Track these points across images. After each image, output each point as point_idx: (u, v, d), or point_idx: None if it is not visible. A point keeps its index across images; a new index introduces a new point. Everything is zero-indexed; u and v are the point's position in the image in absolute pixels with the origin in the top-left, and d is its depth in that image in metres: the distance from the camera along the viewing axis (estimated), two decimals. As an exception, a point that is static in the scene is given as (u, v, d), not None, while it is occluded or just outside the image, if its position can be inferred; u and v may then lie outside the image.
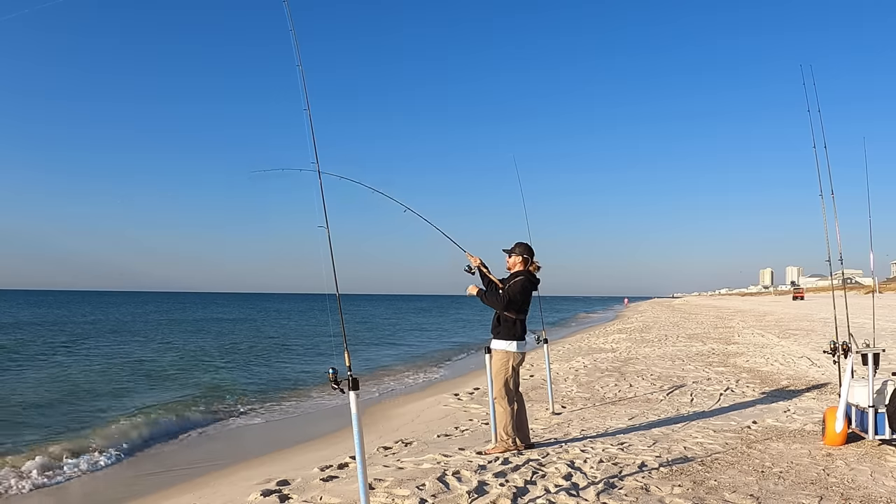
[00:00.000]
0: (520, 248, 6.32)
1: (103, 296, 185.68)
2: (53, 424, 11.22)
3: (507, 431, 6.19)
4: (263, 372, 19.24)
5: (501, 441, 6.23)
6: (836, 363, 6.22)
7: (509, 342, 6.13)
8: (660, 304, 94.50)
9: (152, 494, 7.29)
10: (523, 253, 6.30)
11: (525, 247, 6.32)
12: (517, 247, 6.33)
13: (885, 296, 72.17)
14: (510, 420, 6.18)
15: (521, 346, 6.21)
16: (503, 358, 6.17)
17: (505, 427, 6.19)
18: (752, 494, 4.74)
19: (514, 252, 6.32)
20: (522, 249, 6.30)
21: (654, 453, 5.97)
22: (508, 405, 6.17)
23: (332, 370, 3.94)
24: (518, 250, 6.31)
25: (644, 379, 11.73)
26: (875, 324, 7.15)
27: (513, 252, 6.34)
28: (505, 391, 6.14)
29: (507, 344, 6.14)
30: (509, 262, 6.36)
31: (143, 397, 14.37)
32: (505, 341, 6.15)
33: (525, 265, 6.28)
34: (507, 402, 6.16)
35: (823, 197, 6.33)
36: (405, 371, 18.94)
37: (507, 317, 6.15)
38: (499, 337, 6.20)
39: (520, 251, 6.30)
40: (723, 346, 18.16)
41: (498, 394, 6.19)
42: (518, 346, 6.17)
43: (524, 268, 6.28)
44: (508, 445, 6.19)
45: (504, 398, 6.16)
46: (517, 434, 6.25)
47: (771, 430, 6.95)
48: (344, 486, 5.42)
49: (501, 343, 6.17)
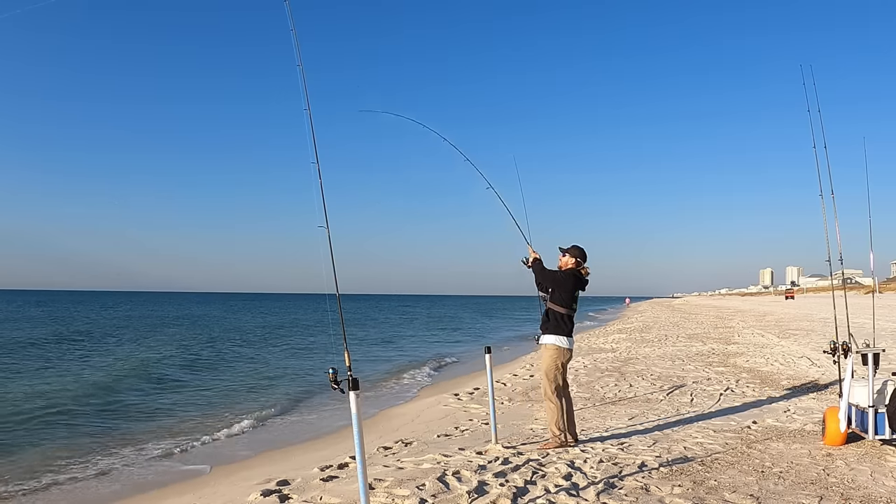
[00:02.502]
0: (574, 250, 6.52)
1: (102, 296, 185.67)
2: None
3: (559, 427, 6.25)
4: (263, 372, 19.24)
5: (554, 437, 6.28)
6: (836, 363, 6.22)
7: (559, 337, 6.21)
8: (660, 304, 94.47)
9: (152, 494, 7.29)
10: (577, 256, 6.49)
11: (579, 250, 6.52)
12: (572, 248, 6.53)
13: (885, 296, 72.14)
14: (560, 415, 6.23)
15: (571, 342, 6.30)
16: (553, 353, 6.22)
17: (557, 423, 6.25)
18: (752, 494, 4.74)
19: (569, 252, 6.52)
20: (577, 252, 6.50)
21: (654, 453, 5.97)
22: (557, 400, 6.22)
23: (332, 370, 3.94)
24: (573, 252, 6.51)
25: (644, 379, 11.73)
26: (875, 324, 7.15)
27: (567, 252, 6.53)
28: (554, 387, 6.20)
29: (558, 339, 6.21)
30: (562, 262, 6.53)
31: (145, 397, 14.39)
32: (555, 336, 6.22)
33: (577, 266, 6.47)
34: (556, 398, 6.21)
35: (823, 197, 6.33)
36: (405, 371, 18.92)
37: (555, 311, 6.24)
38: (548, 332, 6.26)
39: (574, 253, 6.50)
40: (723, 346, 18.16)
41: (547, 389, 6.23)
42: (568, 341, 6.25)
43: (575, 268, 6.48)
44: (562, 441, 6.25)
45: (553, 393, 6.21)
46: (568, 430, 6.31)
47: (771, 430, 6.94)
48: (344, 486, 5.42)
49: (551, 338, 6.24)
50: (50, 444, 9.82)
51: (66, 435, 10.53)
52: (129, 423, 11.48)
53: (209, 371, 19.45)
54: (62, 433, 10.66)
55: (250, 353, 25.47)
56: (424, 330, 43.27)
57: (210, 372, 19.22)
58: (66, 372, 18.57)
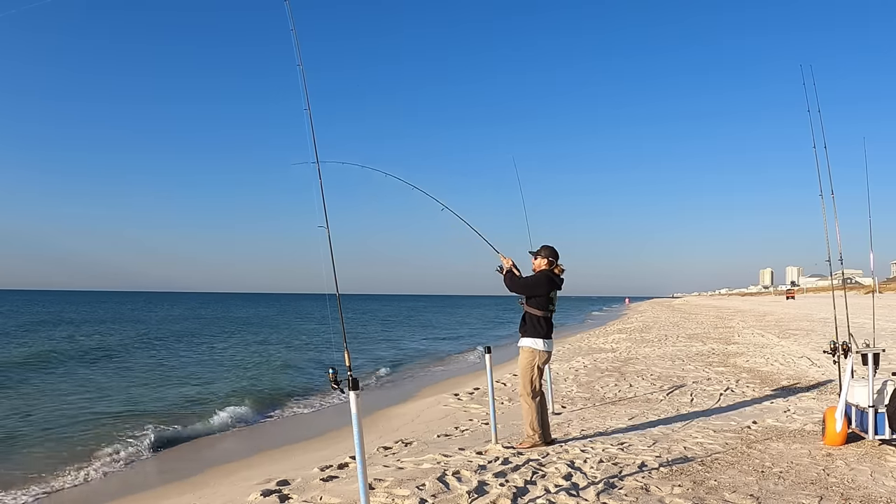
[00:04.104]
0: (545, 250, 6.51)
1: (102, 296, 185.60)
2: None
3: (534, 427, 6.32)
4: (263, 372, 19.23)
5: (528, 437, 6.35)
6: (836, 363, 6.22)
7: (535, 340, 6.28)
8: (660, 304, 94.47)
9: (152, 493, 7.29)
10: (548, 255, 6.48)
11: (550, 249, 6.51)
12: (542, 249, 6.52)
13: (885, 296, 72.14)
14: (536, 416, 6.31)
15: (548, 345, 6.35)
16: (529, 355, 6.30)
17: (531, 423, 6.33)
18: (752, 494, 4.74)
19: (540, 254, 6.52)
20: (548, 252, 6.50)
21: (654, 453, 5.96)
22: (533, 401, 6.29)
23: (332, 370, 3.94)
24: (543, 253, 6.50)
25: (644, 379, 11.73)
26: (875, 324, 7.15)
27: (538, 254, 6.53)
28: (530, 388, 6.28)
29: (533, 342, 6.29)
30: (535, 264, 6.53)
31: (148, 399, 14.38)
32: (531, 339, 6.30)
33: (549, 267, 6.46)
34: (531, 398, 6.29)
35: (823, 197, 6.33)
36: (406, 371, 18.93)
37: (532, 314, 6.27)
38: (526, 335, 6.34)
39: (545, 254, 6.49)
40: (723, 346, 18.16)
41: (523, 390, 6.33)
42: (544, 344, 6.30)
43: (549, 269, 6.47)
44: (536, 441, 6.32)
45: (529, 395, 6.29)
46: (542, 430, 6.39)
47: (771, 430, 6.94)
48: (344, 486, 5.42)
49: (528, 341, 6.32)
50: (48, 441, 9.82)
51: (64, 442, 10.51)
52: (128, 424, 11.48)
53: (208, 369, 19.45)
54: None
55: (250, 352, 25.47)
56: (425, 330, 43.25)
57: (208, 371, 19.21)
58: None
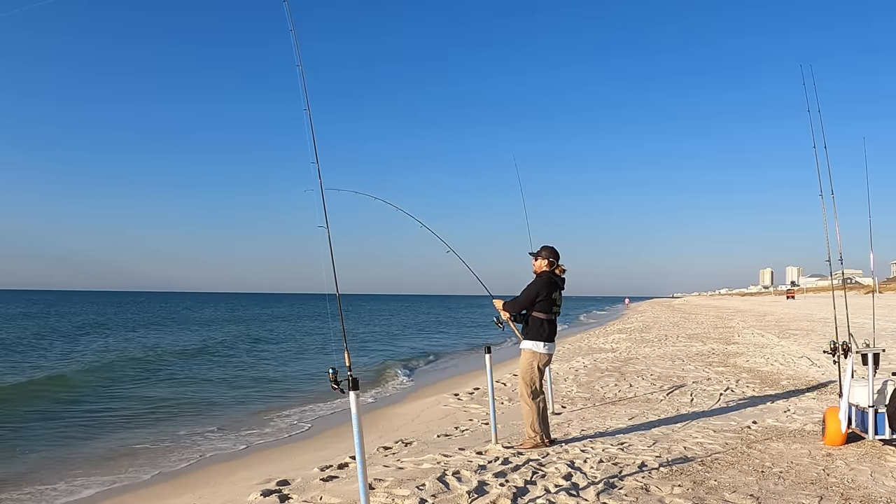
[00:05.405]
0: (545, 251, 6.48)
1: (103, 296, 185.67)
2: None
3: (535, 428, 6.32)
4: (263, 372, 19.23)
5: (529, 438, 6.35)
6: (836, 363, 6.22)
7: (536, 342, 6.27)
8: (660, 304, 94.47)
9: (152, 493, 7.29)
10: (549, 256, 6.45)
11: (550, 250, 6.48)
12: (543, 250, 6.50)
13: (885, 296, 72.15)
14: (536, 417, 6.31)
15: (550, 347, 6.34)
16: (530, 357, 6.29)
17: (532, 424, 6.33)
18: (752, 494, 4.74)
19: (540, 255, 6.49)
20: (548, 253, 6.47)
21: (654, 453, 5.97)
22: (533, 402, 6.29)
23: (332, 370, 3.94)
24: (544, 253, 6.48)
25: (644, 379, 11.73)
26: (875, 324, 7.15)
27: (538, 255, 6.50)
28: (530, 389, 6.28)
29: (534, 344, 6.28)
30: (535, 265, 6.50)
31: (153, 399, 14.38)
32: (532, 341, 6.29)
33: (550, 268, 6.43)
34: (531, 399, 6.29)
35: (823, 197, 6.33)
36: (406, 370, 18.93)
37: (535, 317, 6.26)
38: (527, 337, 6.33)
39: (545, 254, 6.47)
40: (723, 346, 18.16)
41: (524, 391, 6.32)
42: (546, 346, 6.29)
43: (549, 270, 6.43)
44: (537, 442, 6.32)
45: (529, 396, 6.29)
46: (543, 431, 6.40)
47: (771, 430, 6.94)
48: (344, 486, 5.42)
49: (529, 343, 6.31)
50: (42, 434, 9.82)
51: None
52: (127, 421, 11.48)
53: (207, 367, 19.46)
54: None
55: (250, 351, 25.48)
56: (425, 330, 43.25)
57: (208, 372, 19.22)
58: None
